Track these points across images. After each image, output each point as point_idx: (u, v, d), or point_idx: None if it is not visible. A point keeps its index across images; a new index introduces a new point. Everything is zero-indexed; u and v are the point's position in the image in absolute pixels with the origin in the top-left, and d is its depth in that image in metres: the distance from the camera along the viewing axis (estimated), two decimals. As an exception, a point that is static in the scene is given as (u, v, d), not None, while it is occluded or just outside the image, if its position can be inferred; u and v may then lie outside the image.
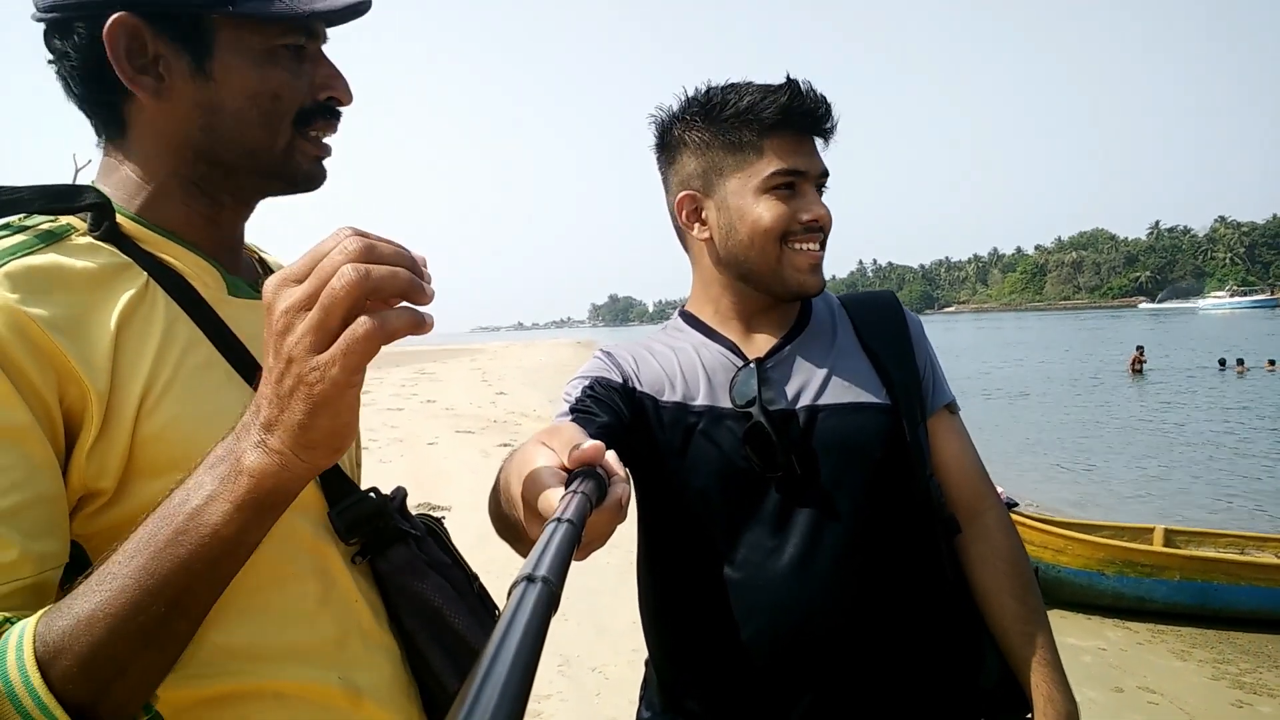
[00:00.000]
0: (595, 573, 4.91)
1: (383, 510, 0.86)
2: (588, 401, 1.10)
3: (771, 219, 1.12)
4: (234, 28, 0.76)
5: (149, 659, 0.60)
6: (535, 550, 0.37)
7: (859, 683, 1.09)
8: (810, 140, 1.15)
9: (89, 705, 0.57)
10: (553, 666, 3.98)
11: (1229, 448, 11.39)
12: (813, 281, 1.14)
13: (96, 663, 0.56)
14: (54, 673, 0.55)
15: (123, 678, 0.58)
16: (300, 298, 0.54)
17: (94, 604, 0.57)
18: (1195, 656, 4.60)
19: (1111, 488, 9.35)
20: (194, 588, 0.59)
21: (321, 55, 0.83)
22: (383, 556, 0.86)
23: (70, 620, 0.56)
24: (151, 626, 0.57)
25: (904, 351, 1.20)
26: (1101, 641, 4.78)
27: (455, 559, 0.96)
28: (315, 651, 0.77)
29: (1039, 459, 10.73)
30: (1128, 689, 4.10)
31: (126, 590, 0.57)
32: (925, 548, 1.14)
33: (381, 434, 12.21)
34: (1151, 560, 5.09)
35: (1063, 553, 5.16)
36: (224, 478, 0.58)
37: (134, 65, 0.74)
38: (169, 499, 0.59)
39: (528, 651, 0.28)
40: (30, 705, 0.54)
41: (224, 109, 0.77)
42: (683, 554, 1.17)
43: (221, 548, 0.58)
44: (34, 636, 0.56)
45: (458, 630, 0.87)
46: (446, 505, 7.26)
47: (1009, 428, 13.08)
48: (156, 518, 0.59)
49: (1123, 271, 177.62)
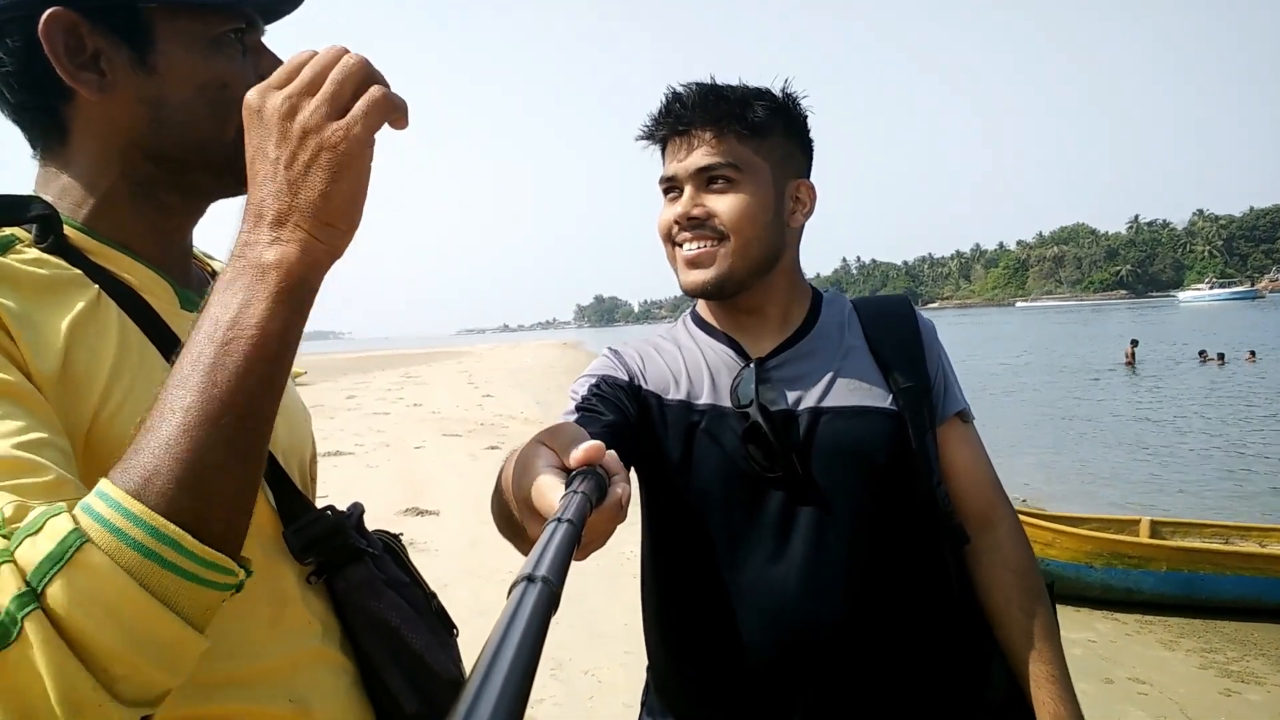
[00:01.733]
0: (586, 575, 4.90)
1: (339, 528, 0.84)
2: (594, 400, 1.11)
3: (658, 223, 1.19)
4: (171, 17, 0.73)
5: (238, 471, 0.58)
6: (535, 550, 0.37)
7: (860, 688, 1.08)
8: (693, 139, 1.13)
9: (195, 526, 0.54)
10: (545, 671, 3.95)
11: (1218, 437, 11.52)
12: (691, 278, 1.15)
13: (190, 477, 0.54)
14: (150, 498, 0.53)
15: (219, 493, 0.56)
16: (302, 84, 0.60)
17: (168, 430, 0.55)
18: (1183, 646, 4.64)
19: (1100, 480, 9.44)
20: (256, 394, 0.58)
21: (262, 45, 0.81)
22: (340, 575, 0.84)
23: (147, 454, 0.54)
24: (230, 436, 0.56)
25: (914, 357, 1.18)
26: (1091, 633, 4.81)
27: (413, 577, 0.94)
28: (265, 676, 0.74)
29: (1030, 453, 10.86)
30: (1118, 680, 4.13)
31: (193, 410, 0.55)
32: (930, 556, 1.13)
33: (368, 438, 12.14)
34: (1138, 552, 5.14)
35: (1051, 546, 5.20)
36: (250, 283, 0.58)
37: (74, 62, 0.71)
38: (196, 329, 0.59)
39: (528, 651, 0.28)
40: (141, 534, 0.52)
41: (170, 102, 0.75)
42: (685, 554, 1.16)
43: (271, 345, 0.58)
44: (112, 483, 0.54)
45: (415, 650, 0.85)
46: (434, 509, 7.23)
47: (1001, 422, 13.17)
48: (194, 345, 0.58)
49: (1104, 265, 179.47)
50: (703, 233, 1.12)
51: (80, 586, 0.49)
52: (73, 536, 0.50)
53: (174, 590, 0.53)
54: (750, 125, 1.13)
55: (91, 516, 0.52)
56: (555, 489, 0.55)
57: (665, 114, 1.15)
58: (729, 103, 1.13)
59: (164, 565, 0.52)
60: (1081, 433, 12.67)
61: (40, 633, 0.48)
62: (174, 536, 0.53)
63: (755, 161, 1.13)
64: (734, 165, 1.12)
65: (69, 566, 0.49)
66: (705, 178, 1.12)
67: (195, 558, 0.54)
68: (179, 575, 0.53)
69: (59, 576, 0.49)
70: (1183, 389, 17.25)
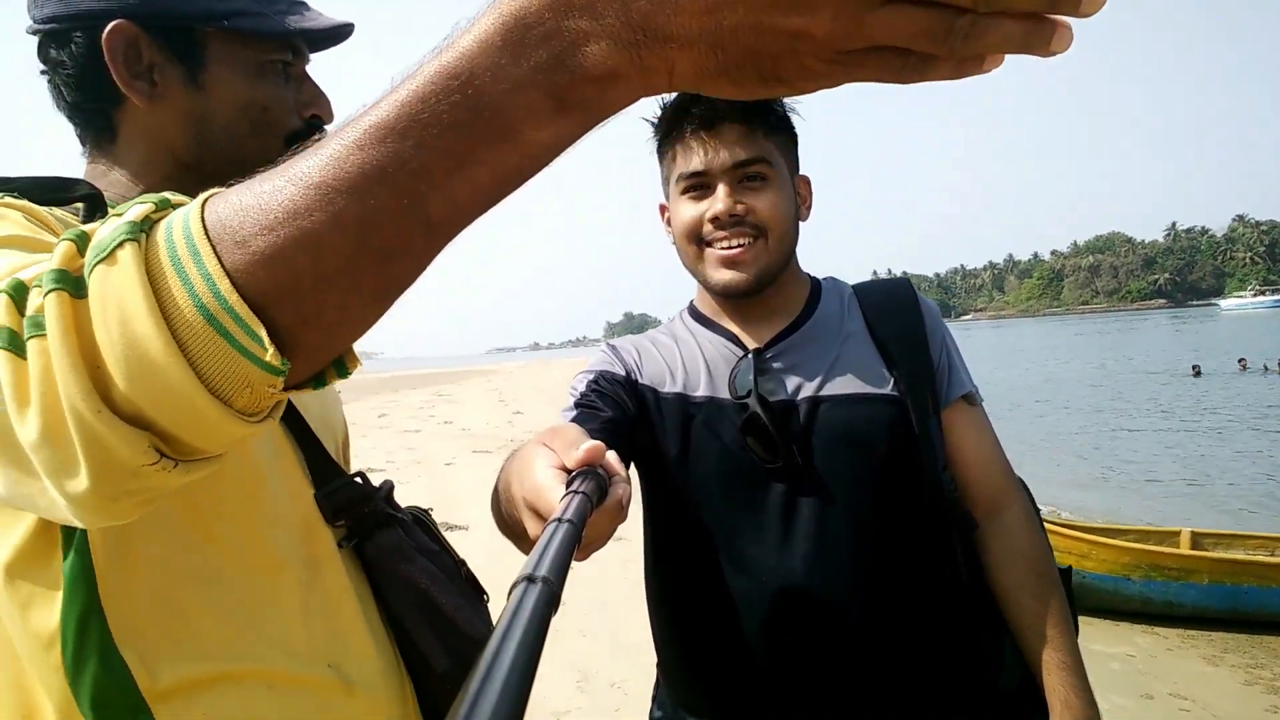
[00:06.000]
0: (610, 583, 4.88)
1: (370, 495, 0.87)
2: (592, 396, 1.11)
3: (682, 222, 1.15)
4: (225, 42, 0.80)
5: (373, 270, 0.43)
6: (535, 550, 0.37)
7: (868, 677, 1.07)
8: (723, 134, 1.11)
9: (277, 307, 0.42)
10: (571, 682, 3.95)
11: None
12: (729, 277, 1.13)
13: (295, 249, 0.41)
14: (229, 258, 0.41)
15: (333, 286, 0.43)
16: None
17: (304, 170, 0.42)
18: (1227, 662, 4.49)
19: (1150, 491, 9.22)
20: (453, 176, 0.41)
21: (306, 75, 0.87)
22: (370, 540, 0.86)
23: (257, 195, 0.42)
24: (384, 219, 0.41)
25: (917, 341, 1.17)
26: (1130, 648, 4.68)
27: (443, 545, 0.96)
28: (303, 641, 0.76)
29: (1084, 464, 10.67)
30: (1158, 695, 4.01)
31: (358, 158, 0.40)
32: (937, 544, 1.12)
33: (399, 456, 12.25)
34: (1178, 563, 4.99)
35: (1087, 557, 5.07)
36: (542, 66, 0.39)
37: (130, 71, 0.77)
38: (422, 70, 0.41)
39: (528, 651, 0.28)
40: (205, 293, 0.41)
41: (215, 119, 0.80)
42: (688, 547, 1.16)
43: (520, 148, 0.42)
44: (201, 212, 0.43)
45: (446, 611, 0.87)
46: (464, 524, 7.26)
47: (1060, 435, 12.97)
48: (416, 85, 0.40)
49: (1141, 274, 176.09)
50: (741, 230, 1.11)
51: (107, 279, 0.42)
52: (126, 230, 0.43)
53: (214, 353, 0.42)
54: (774, 120, 1.14)
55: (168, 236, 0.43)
56: (556, 489, 0.55)
57: (691, 107, 1.12)
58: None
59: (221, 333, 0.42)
60: (1142, 443, 12.40)
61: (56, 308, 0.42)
62: (240, 313, 0.42)
63: (778, 156, 1.14)
64: (767, 160, 1.12)
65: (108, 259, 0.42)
66: (741, 173, 1.11)
67: (240, 321, 0.42)
68: (224, 339, 0.42)
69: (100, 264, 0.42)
70: (1243, 398, 16.78)
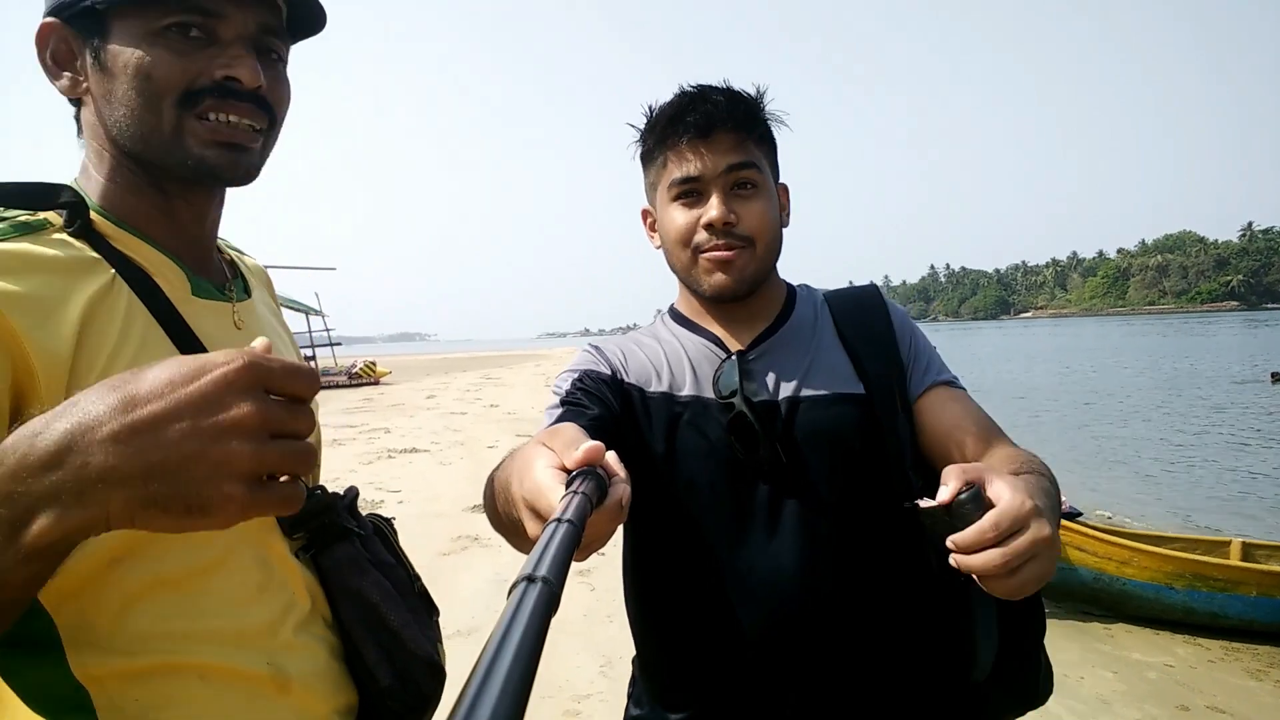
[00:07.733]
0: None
1: (329, 507, 0.89)
2: (578, 394, 1.12)
3: (675, 228, 1.15)
4: (124, 16, 0.76)
5: None
6: (535, 550, 0.38)
7: (847, 671, 1.09)
8: (717, 141, 1.11)
9: None
10: (594, 667, 4.00)
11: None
12: (720, 282, 1.14)
13: None
14: None
15: None
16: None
17: None
18: (1272, 677, 4.33)
19: (1206, 500, 8.91)
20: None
21: (232, 39, 0.80)
22: (327, 551, 0.88)
23: None
24: None
25: (885, 344, 1.19)
26: (1169, 657, 4.55)
27: (399, 559, 0.98)
28: (246, 636, 0.78)
29: (1137, 473, 10.35)
30: (1194, 708, 3.89)
31: None
32: (908, 539, 1.12)
33: (444, 437, 12.49)
34: (1224, 574, 4.81)
35: (1128, 564, 4.94)
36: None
37: (60, 66, 0.79)
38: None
39: (528, 651, 0.28)
40: None
41: (114, 97, 0.78)
42: (673, 544, 1.17)
43: None
44: None
45: (393, 627, 0.89)
46: (501, 507, 7.38)
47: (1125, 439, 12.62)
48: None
49: (1212, 275, 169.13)
50: (732, 240, 1.12)
51: None
52: None
53: None
54: (762, 128, 1.15)
55: None
56: (555, 489, 0.56)
57: (687, 113, 1.12)
58: (749, 104, 1.14)
59: None
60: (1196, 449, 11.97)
61: None
62: None
63: (765, 164, 1.16)
64: (756, 166, 1.13)
65: None
66: (733, 181, 1.12)
67: None
68: None
69: None
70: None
